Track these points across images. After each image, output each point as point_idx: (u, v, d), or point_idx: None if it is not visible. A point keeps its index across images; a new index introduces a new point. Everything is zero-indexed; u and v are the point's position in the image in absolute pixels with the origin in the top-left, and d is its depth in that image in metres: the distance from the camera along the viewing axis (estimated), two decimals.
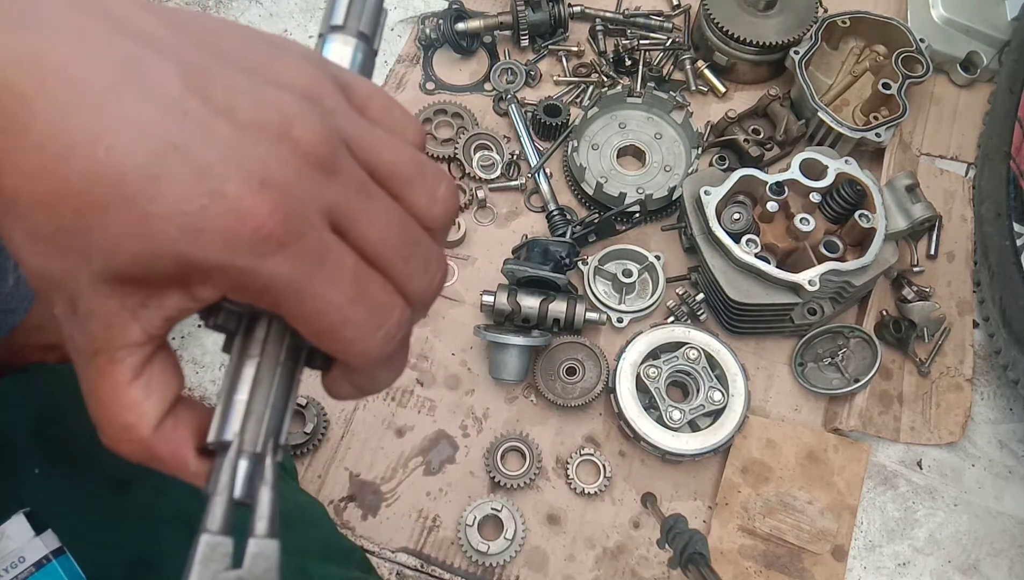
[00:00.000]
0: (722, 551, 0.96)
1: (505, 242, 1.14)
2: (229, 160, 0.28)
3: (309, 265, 0.29)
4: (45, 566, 0.58)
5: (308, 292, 0.30)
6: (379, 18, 0.39)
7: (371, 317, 0.31)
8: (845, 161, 1.02)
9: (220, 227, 0.28)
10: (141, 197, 0.28)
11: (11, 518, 0.59)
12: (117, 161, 0.27)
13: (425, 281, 0.34)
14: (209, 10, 1.33)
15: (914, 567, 0.99)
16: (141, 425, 0.32)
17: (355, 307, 0.31)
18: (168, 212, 0.28)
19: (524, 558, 0.96)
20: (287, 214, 0.29)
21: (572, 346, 1.04)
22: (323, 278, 0.30)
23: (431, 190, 0.34)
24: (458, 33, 1.24)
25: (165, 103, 0.28)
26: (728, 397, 0.99)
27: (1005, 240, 1.06)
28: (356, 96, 0.34)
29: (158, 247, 0.28)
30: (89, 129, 0.28)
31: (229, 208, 0.28)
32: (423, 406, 1.04)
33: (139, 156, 0.28)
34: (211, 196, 0.28)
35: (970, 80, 1.26)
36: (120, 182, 0.28)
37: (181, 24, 0.31)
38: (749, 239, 1.00)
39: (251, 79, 0.31)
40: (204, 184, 0.28)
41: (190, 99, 0.29)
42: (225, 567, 0.29)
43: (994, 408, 1.07)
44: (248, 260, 0.28)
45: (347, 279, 0.30)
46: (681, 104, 1.19)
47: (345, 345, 0.31)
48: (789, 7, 1.21)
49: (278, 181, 0.29)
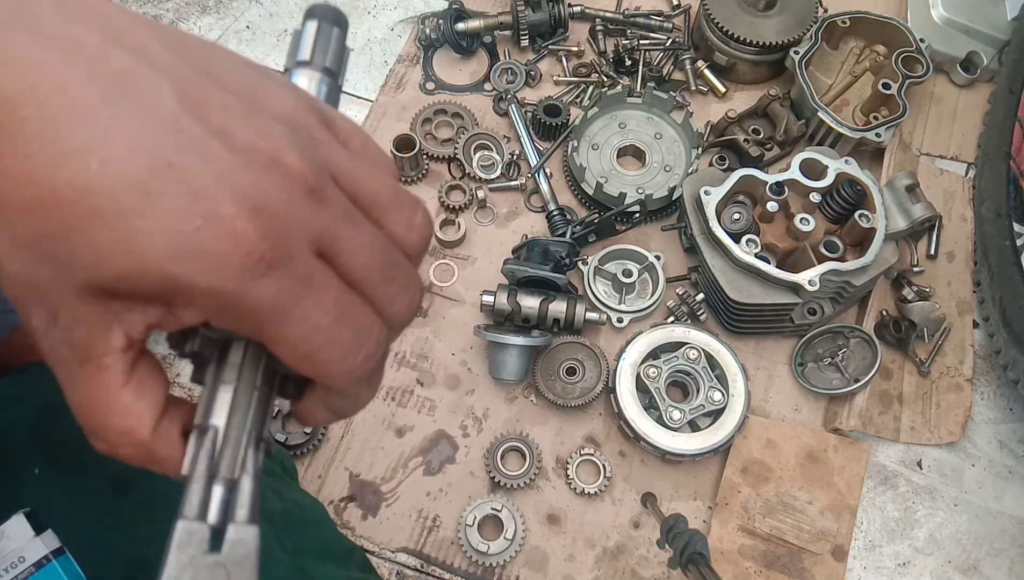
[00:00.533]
0: (722, 551, 0.96)
1: (505, 242, 1.14)
2: (224, 182, 0.28)
3: (296, 288, 0.30)
4: (45, 566, 0.58)
5: (293, 315, 0.30)
6: (343, 55, 0.40)
7: (353, 337, 0.32)
8: (845, 161, 1.02)
9: (213, 249, 0.28)
10: (133, 212, 0.27)
11: (11, 518, 0.59)
12: (110, 174, 0.27)
13: (405, 303, 0.35)
14: (209, 10, 1.33)
15: (914, 567, 0.99)
16: (139, 428, 0.32)
17: (338, 328, 0.31)
18: (160, 230, 0.27)
19: (524, 558, 0.96)
20: (277, 239, 0.29)
21: (572, 346, 1.04)
22: (308, 301, 0.30)
23: (409, 218, 0.35)
24: (458, 33, 1.24)
25: (161, 119, 0.28)
26: (728, 397, 0.99)
27: (1005, 240, 1.06)
28: (339, 130, 0.35)
29: (146, 265, 0.28)
30: (81, 140, 0.27)
31: (223, 230, 0.28)
32: (423, 406, 1.04)
33: (134, 170, 0.27)
34: (205, 217, 0.28)
35: (970, 80, 1.26)
36: (112, 195, 0.27)
37: (176, 42, 0.31)
38: (749, 239, 1.00)
39: (244, 104, 0.31)
40: (199, 204, 0.28)
41: (186, 117, 0.29)
42: (202, 552, 0.29)
43: (994, 408, 1.07)
44: (237, 283, 0.28)
45: (331, 302, 0.31)
46: (681, 104, 1.19)
47: (328, 366, 0.32)
48: (789, 7, 1.21)
49: (270, 206, 0.29)
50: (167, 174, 0.28)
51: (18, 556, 0.58)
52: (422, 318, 1.09)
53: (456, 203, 1.14)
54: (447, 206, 1.14)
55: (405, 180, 1.17)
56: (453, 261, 1.13)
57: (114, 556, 0.66)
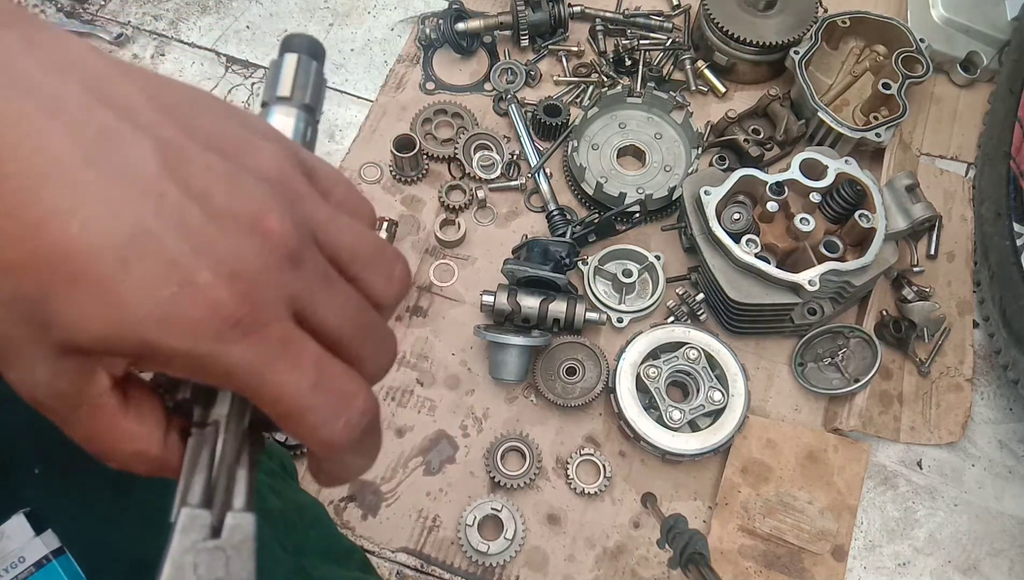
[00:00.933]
0: (722, 551, 0.96)
1: (505, 242, 1.14)
2: (201, 249, 0.28)
3: (271, 352, 0.30)
4: (45, 566, 0.58)
5: (269, 378, 0.30)
6: (322, 89, 0.40)
7: (333, 403, 0.32)
8: (845, 161, 1.02)
9: (188, 315, 0.28)
10: (111, 278, 0.27)
11: (11, 518, 0.59)
12: (90, 239, 0.27)
13: (381, 361, 0.35)
14: (209, 10, 1.33)
15: (914, 567, 0.99)
16: (150, 448, 0.33)
17: (316, 394, 0.31)
18: (137, 296, 0.28)
19: (524, 558, 0.96)
20: (254, 304, 0.29)
21: (572, 346, 1.04)
22: (285, 365, 0.30)
23: (388, 271, 0.36)
24: (458, 33, 1.24)
25: (142, 183, 0.28)
26: (728, 397, 0.99)
27: (1005, 240, 1.06)
28: (320, 182, 0.35)
29: (123, 330, 0.28)
30: (63, 201, 0.27)
31: (199, 298, 0.28)
32: (423, 406, 1.04)
33: (113, 236, 0.27)
34: (181, 285, 0.28)
35: (970, 80, 1.26)
36: (91, 260, 0.27)
37: (160, 94, 0.31)
38: (749, 239, 1.00)
39: (226, 163, 0.31)
40: (175, 273, 0.28)
41: (166, 181, 0.29)
42: (204, 537, 0.30)
43: (994, 408, 1.07)
44: (212, 347, 0.29)
45: (308, 366, 0.31)
46: (681, 104, 1.19)
47: (309, 431, 0.32)
48: (789, 7, 1.21)
49: (248, 272, 0.29)
50: (145, 240, 0.28)
51: (18, 556, 0.58)
52: (422, 318, 1.09)
53: (456, 203, 1.14)
54: (447, 206, 1.14)
55: (405, 180, 1.17)
56: (453, 261, 1.13)
57: (114, 556, 0.66)
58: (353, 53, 1.30)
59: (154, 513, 0.65)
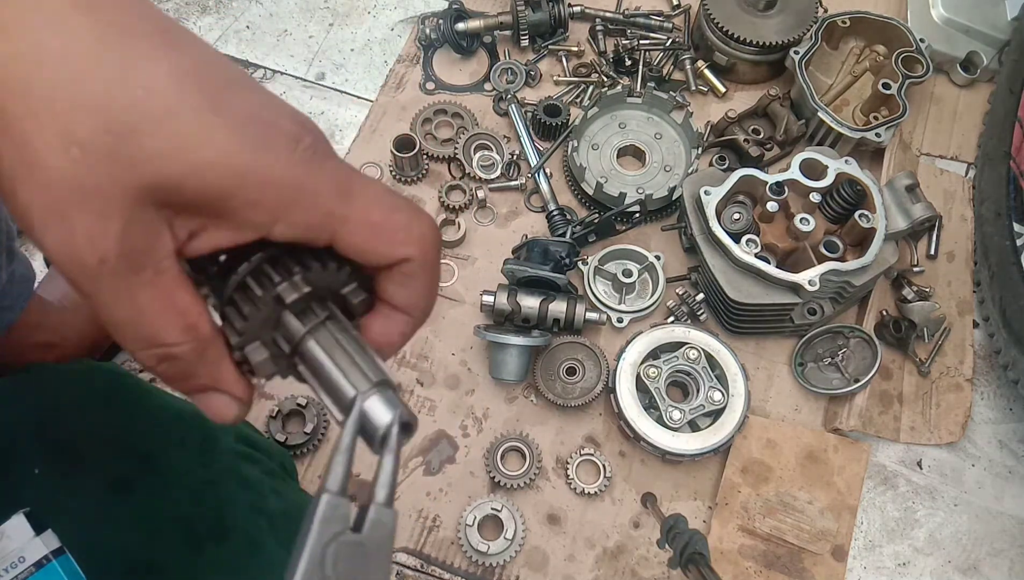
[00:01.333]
0: (722, 551, 0.96)
1: (505, 242, 1.14)
2: (276, 104, 0.33)
3: (354, 171, 0.34)
4: (45, 566, 0.58)
5: (357, 192, 0.33)
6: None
7: (413, 213, 0.35)
8: (845, 161, 1.02)
9: (276, 144, 0.30)
10: (207, 105, 0.29)
11: (11, 518, 0.59)
12: (180, 83, 0.29)
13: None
14: (209, 10, 1.33)
15: (914, 567, 0.99)
16: (202, 323, 0.33)
17: (396, 196, 0.35)
18: (235, 121, 0.30)
19: (524, 558, 0.96)
20: (318, 134, 0.33)
21: (572, 346, 1.04)
22: (362, 180, 0.34)
23: None
24: (458, 33, 1.24)
25: (216, 54, 0.32)
26: (728, 397, 0.99)
27: (1005, 240, 1.06)
28: None
29: (220, 156, 0.29)
30: (152, 51, 0.30)
31: (280, 133, 0.31)
32: (423, 406, 1.04)
33: (206, 79, 0.30)
34: (277, 112, 0.31)
35: (970, 80, 1.26)
36: (184, 91, 0.29)
37: None
38: (749, 239, 1.00)
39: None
40: (267, 107, 0.31)
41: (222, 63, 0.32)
42: (345, 528, 0.28)
43: (994, 408, 1.07)
44: (303, 170, 0.31)
45: (382, 188, 0.35)
46: (681, 104, 1.19)
47: (398, 234, 0.34)
48: (789, 7, 1.21)
49: (311, 123, 0.34)
50: (241, 78, 0.32)
51: (18, 556, 0.58)
52: None
53: (456, 203, 1.14)
54: (447, 206, 1.14)
55: (405, 180, 1.17)
56: (453, 261, 1.13)
57: (114, 556, 0.66)
58: (353, 53, 1.30)
59: (154, 513, 0.66)
